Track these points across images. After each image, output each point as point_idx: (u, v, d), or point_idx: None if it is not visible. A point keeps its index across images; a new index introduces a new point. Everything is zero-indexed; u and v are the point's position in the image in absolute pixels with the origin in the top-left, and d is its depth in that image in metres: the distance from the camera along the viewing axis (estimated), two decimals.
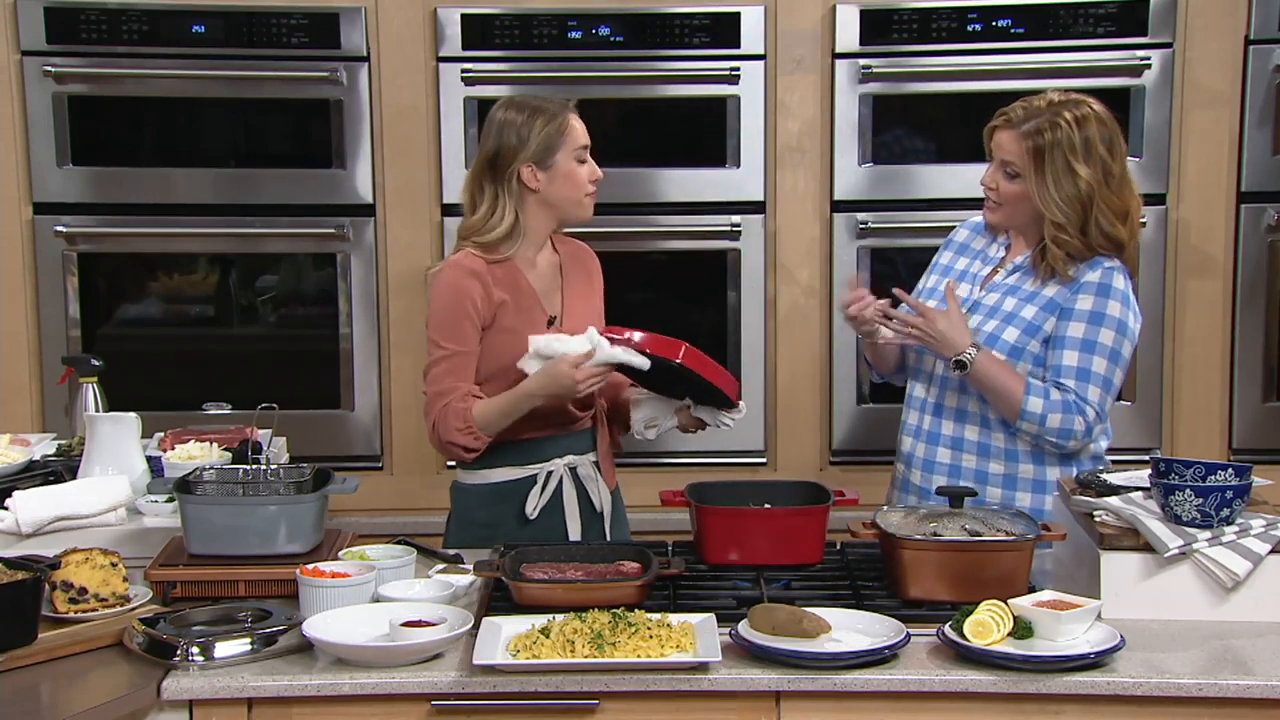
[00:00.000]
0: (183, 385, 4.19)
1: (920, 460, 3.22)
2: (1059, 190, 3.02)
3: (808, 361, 4.24)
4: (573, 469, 3.21)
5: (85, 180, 4.14)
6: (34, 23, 4.07)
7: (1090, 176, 3.01)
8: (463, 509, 3.24)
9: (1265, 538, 2.61)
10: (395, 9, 4.12)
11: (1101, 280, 3.06)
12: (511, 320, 3.12)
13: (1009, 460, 3.12)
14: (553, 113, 3.12)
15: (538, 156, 3.10)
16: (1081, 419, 3.03)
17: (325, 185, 4.17)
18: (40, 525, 2.91)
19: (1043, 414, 3.01)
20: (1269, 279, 4.19)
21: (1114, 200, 3.05)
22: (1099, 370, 3.03)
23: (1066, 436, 3.04)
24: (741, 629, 2.46)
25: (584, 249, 3.33)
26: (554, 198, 3.13)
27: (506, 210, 3.12)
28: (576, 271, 3.27)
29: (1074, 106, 3.05)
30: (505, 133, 3.11)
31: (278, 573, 2.68)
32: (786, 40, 4.15)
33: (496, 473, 3.18)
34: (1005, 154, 3.08)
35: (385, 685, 2.39)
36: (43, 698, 2.37)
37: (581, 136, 3.14)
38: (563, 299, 3.22)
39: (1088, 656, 2.39)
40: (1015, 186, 3.08)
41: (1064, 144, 3.01)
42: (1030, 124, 3.04)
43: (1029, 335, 3.08)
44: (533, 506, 3.16)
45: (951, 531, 2.68)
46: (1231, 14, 4.11)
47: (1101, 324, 3.04)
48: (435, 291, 3.15)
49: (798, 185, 4.20)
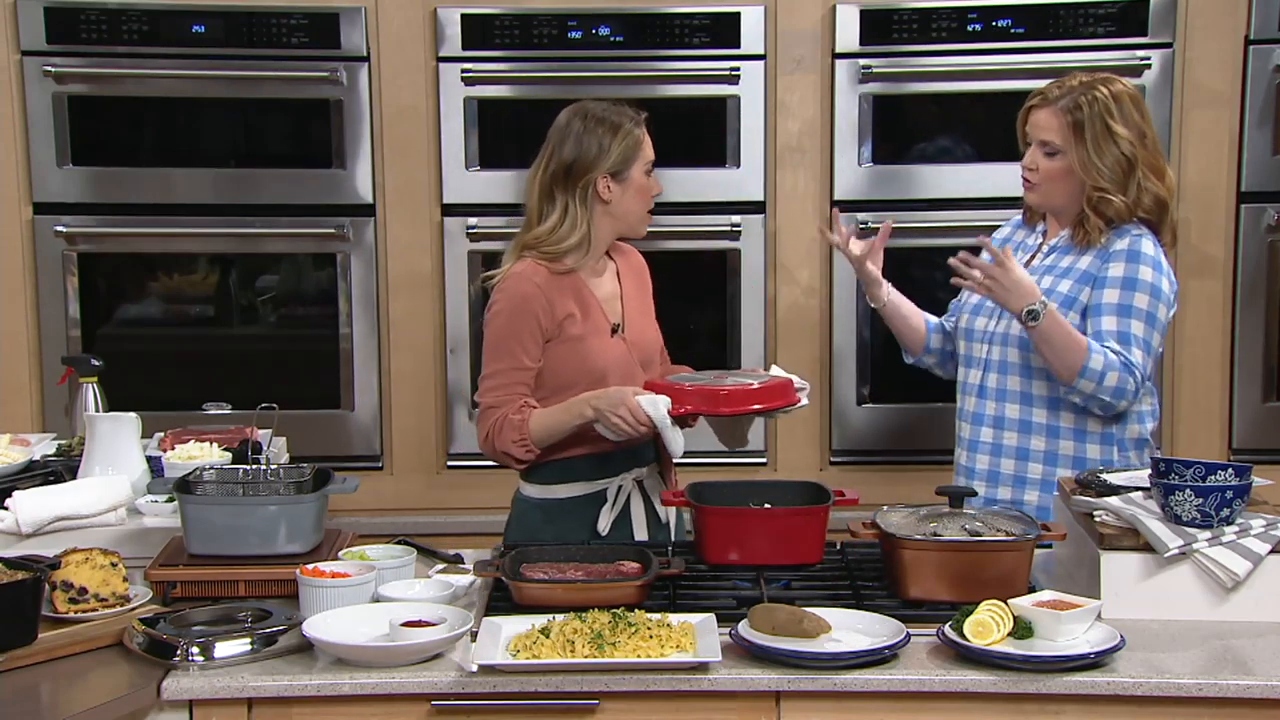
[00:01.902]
0: (183, 385, 4.18)
1: (966, 441, 3.28)
2: (1100, 156, 3.10)
3: (808, 361, 4.23)
4: (639, 481, 3.19)
5: (85, 180, 4.14)
6: (34, 23, 4.07)
7: (1130, 135, 3.10)
8: (527, 522, 3.19)
9: (1265, 538, 2.61)
10: (395, 9, 4.12)
11: (1130, 247, 3.11)
12: (578, 329, 3.10)
13: (1049, 437, 3.16)
14: (629, 128, 3.11)
15: (615, 168, 3.09)
16: (1132, 379, 3.06)
17: (325, 185, 4.17)
18: (40, 525, 2.91)
19: (1103, 370, 3.03)
20: (1269, 279, 4.19)
21: (1152, 160, 3.13)
22: (1138, 333, 3.07)
23: (1121, 396, 3.06)
24: (741, 629, 2.46)
25: (635, 254, 3.32)
26: (622, 210, 3.13)
27: (579, 221, 3.10)
28: (632, 278, 3.27)
29: (1106, 82, 3.15)
30: (586, 142, 3.08)
31: (278, 573, 2.68)
32: (786, 40, 4.15)
33: (564, 488, 3.15)
34: (1044, 133, 3.15)
35: (385, 685, 2.39)
36: (43, 698, 2.37)
37: (650, 151, 3.14)
38: (623, 306, 3.21)
39: (1088, 656, 2.39)
40: (1056, 163, 3.15)
41: (1101, 111, 3.10)
42: (1067, 99, 3.12)
43: (1066, 308, 3.11)
44: (604, 523, 3.13)
45: (951, 531, 2.68)
46: (1231, 14, 4.11)
47: (1135, 289, 3.09)
48: (500, 302, 3.10)
49: (798, 185, 4.20)
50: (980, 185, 4.14)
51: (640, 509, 3.18)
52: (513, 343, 3.07)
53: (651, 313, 3.30)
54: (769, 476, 4.18)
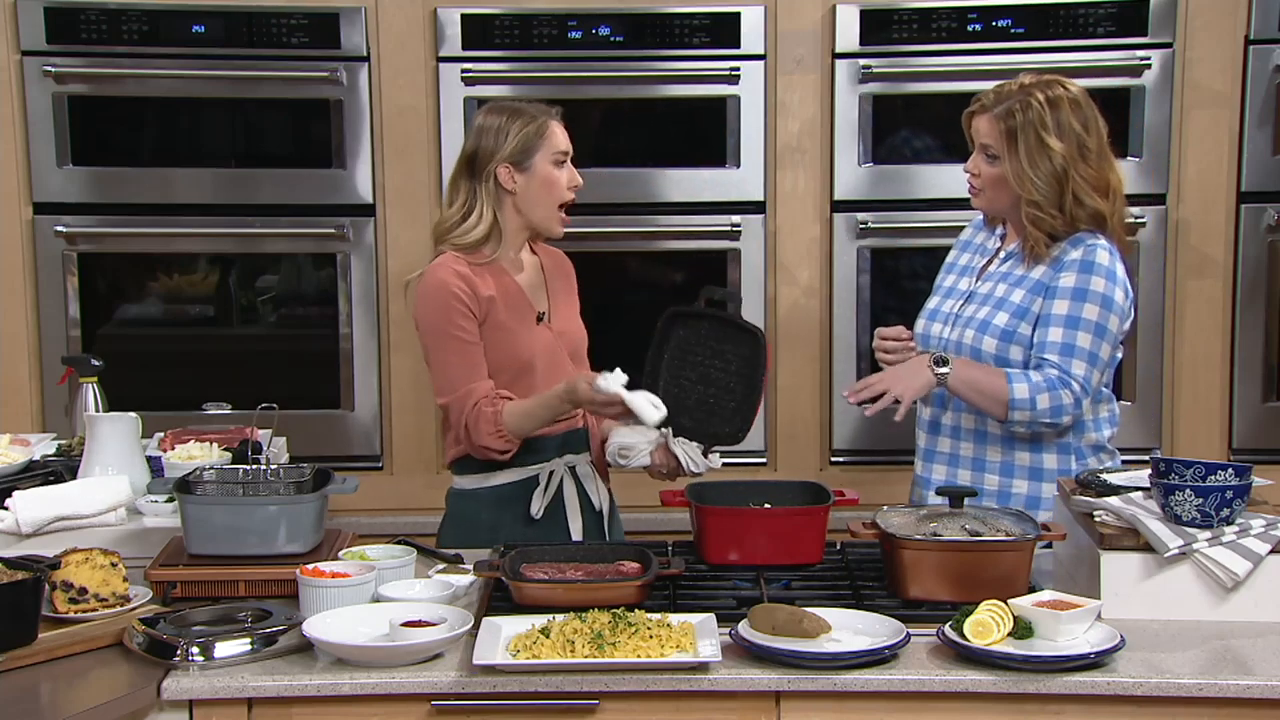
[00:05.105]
0: (183, 385, 4.19)
1: (923, 450, 3.25)
2: (1033, 167, 3.02)
3: (808, 361, 4.24)
4: (572, 468, 3.21)
5: (85, 180, 4.14)
6: (34, 23, 4.07)
7: (1063, 150, 3.01)
8: (463, 514, 3.23)
9: (1265, 538, 2.61)
10: (395, 9, 4.12)
11: (1084, 257, 3.05)
12: (502, 316, 3.12)
13: (1005, 447, 3.12)
14: (532, 115, 3.13)
15: (515, 157, 3.10)
16: (1068, 392, 3.01)
17: (325, 185, 4.17)
18: (40, 525, 2.91)
19: (1031, 398, 3.00)
20: (1269, 279, 4.19)
21: (1091, 173, 3.04)
22: (1084, 345, 3.02)
23: (1058, 414, 3.02)
24: (741, 629, 2.46)
25: (562, 256, 3.33)
26: (528, 203, 3.13)
27: (484, 210, 3.12)
28: (556, 271, 3.29)
29: (1046, 87, 3.06)
30: (484, 134, 3.12)
31: (278, 573, 2.68)
32: (786, 40, 4.15)
33: (497, 475, 3.18)
34: (982, 138, 3.09)
35: (385, 685, 2.39)
36: (43, 698, 2.37)
37: (561, 142, 3.14)
38: (548, 297, 3.23)
39: (1088, 656, 2.39)
40: (995, 169, 3.08)
41: (1035, 121, 3.02)
42: (1002, 106, 3.05)
43: (1018, 318, 3.08)
44: (537, 506, 3.16)
45: (951, 531, 2.68)
46: (1231, 14, 4.11)
47: (1085, 299, 3.03)
48: (422, 295, 3.13)
49: (798, 185, 4.20)
50: None
51: (574, 495, 3.19)
52: (449, 329, 3.09)
53: (577, 311, 3.31)
54: (769, 476, 4.18)
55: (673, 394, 3.07)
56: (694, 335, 3.08)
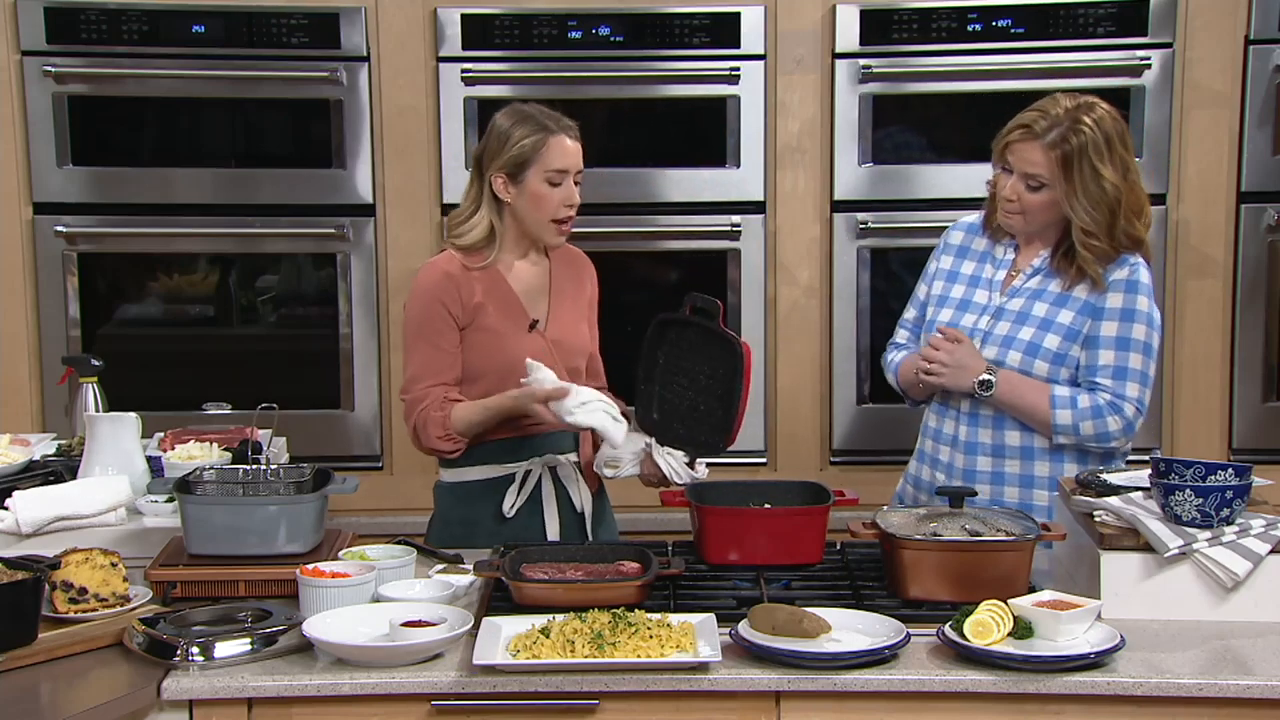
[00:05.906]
0: (183, 385, 4.19)
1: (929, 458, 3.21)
2: (1087, 195, 2.99)
3: (808, 361, 4.24)
4: (552, 468, 3.19)
5: (85, 180, 4.14)
6: (34, 23, 4.07)
7: (1114, 178, 2.99)
8: (443, 507, 3.24)
9: (1265, 538, 2.61)
10: (395, 9, 4.12)
11: (1130, 277, 3.04)
12: (492, 321, 3.11)
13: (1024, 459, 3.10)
14: (536, 127, 3.06)
15: (509, 168, 3.07)
16: (1118, 418, 3.01)
17: (325, 185, 4.17)
18: (40, 525, 2.91)
19: (1074, 424, 3.01)
20: (1269, 279, 4.19)
21: (1133, 199, 3.04)
22: (1136, 366, 3.03)
23: (1105, 439, 3.03)
24: (741, 629, 2.46)
25: (579, 256, 3.29)
26: (520, 214, 3.11)
27: (483, 214, 3.11)
28: (566, 277, 3.24)
29: (1089, 109, 3.01)
30: (490, 137, 3.11)
31: (278, 573, 2.68)
32: (786, 40, 4.15)
33: (476, 471, 3.17)
34: (1029, 166, 3.01)
35: (385, 685, 2.39)
36: (43, 698, 2.37)
37: (559, 160, 3.06)
38: (549, 304, 3.20)
39: (1088, 656, 2.39)
40: (1040, 197, 3.03)
41: (1089, 148, 2.97)
42: (1054, 133, 2.98)
43: (1070, 341, 3.05)
44: (509, 505, 3.15)
45: (951, 531, 2.68)
46: (1231, 14, 4.11)
47: (1134, 320, 3.04)
48: (412, 291, 3.15)
49: (798, 185, 4.20)
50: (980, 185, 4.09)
51: (552, 495, 3.18)
52: (426, 330, 3.10)
53: (585, 317, 3.27)
54: (769, 476, 4.18)
55: (668, 400, 3.07)
56: (684, 342, 3.07)
